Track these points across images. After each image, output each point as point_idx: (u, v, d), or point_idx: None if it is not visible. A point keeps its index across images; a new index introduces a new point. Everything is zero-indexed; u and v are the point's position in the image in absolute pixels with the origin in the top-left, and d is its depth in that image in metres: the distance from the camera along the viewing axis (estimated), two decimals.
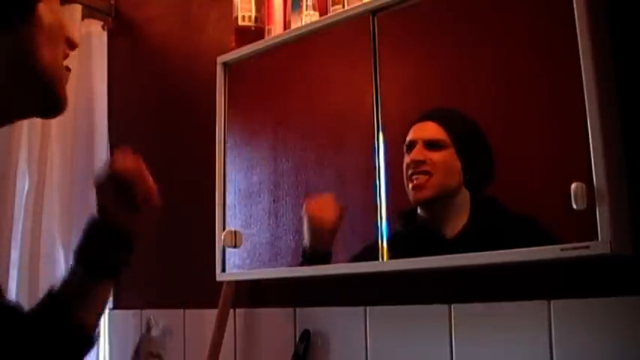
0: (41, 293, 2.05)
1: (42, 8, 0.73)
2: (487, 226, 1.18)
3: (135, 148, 2.19)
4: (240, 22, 1.65)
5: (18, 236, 1.90)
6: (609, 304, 1.11)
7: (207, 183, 1.67)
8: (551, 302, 1.18)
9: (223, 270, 1.60)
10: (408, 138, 1.26)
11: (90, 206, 2.16)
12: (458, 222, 1.21)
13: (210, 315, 1.67)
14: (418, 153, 1.23)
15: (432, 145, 1.22)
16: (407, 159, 1.25)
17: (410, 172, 1.24)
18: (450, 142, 1.21)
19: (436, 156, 1.22)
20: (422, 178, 1.22)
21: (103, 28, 2.20)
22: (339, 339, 1.49)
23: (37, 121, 1.97)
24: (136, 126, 2.13)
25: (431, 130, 1.24)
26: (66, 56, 0.80)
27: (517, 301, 1.22)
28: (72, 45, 0.81)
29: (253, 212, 1.57)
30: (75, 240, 2.02)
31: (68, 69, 0.82)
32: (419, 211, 1.27)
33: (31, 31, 0.73)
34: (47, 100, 0.78)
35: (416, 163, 1.23)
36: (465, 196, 1.21)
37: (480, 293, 1.28)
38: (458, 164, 1.21)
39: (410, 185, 1.25)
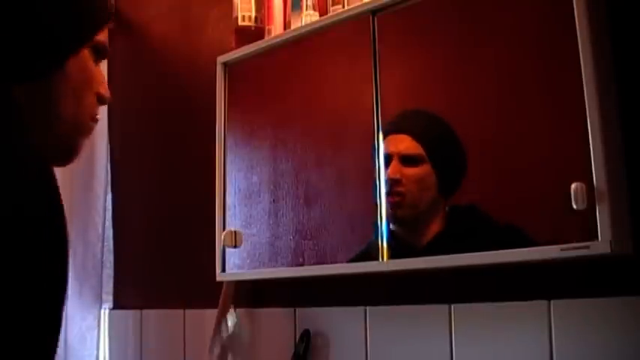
0: None
1: (72, 64, 0.74)
2: (461, 231, 1.19)
3: (135, 148, 2.20)
4: (240, 22, 1.65)
5: None
6: (609, 304, 1.11)
7: (207, 183, 1.68)
8: (551, 302, 1.18)
9: (223, 270, 1.60)
10: (384, 151, 1.26)
11: (90, 206, 2.17)
12: (430, 230, 1.22)
13: (211, 315, 1.67)
14: (394, 170, 1.23)
15: (407, 160, 1.22)
16: (385, 174, 1.26)
17: (387, 188, 1.24)
18: (425, 157, 1.21)
19: (412, 172, 1.22)
20: (397, 198, 1.23)
21: None
22: (339, 339, 1.50)
23: None
24: (135, 126, 2.14)
25: (406, 144, 1.23)
26: (95, 111, 0.81)
27: (517, 301, 1.22)
28: (102, 100, 0.81)
29: (253, 212, 1.57)
30: (75, 240, 2.04)
31: (96, 120, 0.82)
32: (392, 225, 1.27)
33: (57, 83, 0.73)
34: (61, 151, 0.79)
35: (392, 181, 1.23)
36: (438, 204, 1.21)
37: (480, 293, 1.28)
38: (433, 177, 1.21)
39: (387, 200, 1.25)
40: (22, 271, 0.58)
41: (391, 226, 1.26)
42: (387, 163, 1.25)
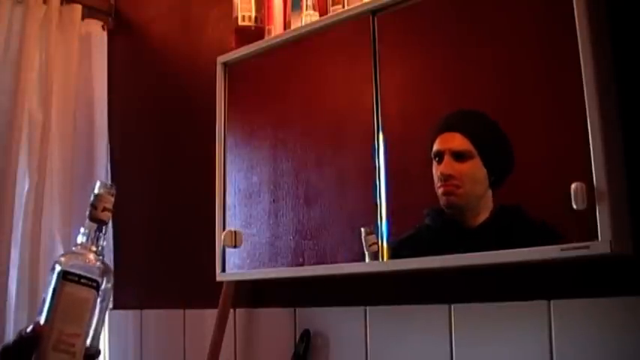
0: (41, 293, 2.05)
1: None
2: (506, 222, 1.20)
3: (135, 148, 2.21)
4: (240, 22, 1.65)
5: (18, 236, 1.90)
6: (609, 304, 1.11)
7: (207, 183, 1.68)
8: (551, 302, 1.18)
9: (223, 270, 1.60)
10: (436, 148, 1.27)
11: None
12: (481, 217, 1.24)
13: (211, 315, 1.67)
14: (447, 166, 1.25)
15: (459, 156, 1.25)
16: (436, 169, 1.27)
17: (439, 183, 1.27)
18: (475, 153, 1.23)
19: (464, 167, 1.24)
20: (450, 187, 1.26)
21: (103, 28, 2.20)
22: (339, 339, 1.49)
23: (37, 121, 1.97)
24: (135, 126, 2.14)
25: (457, 141, 1.26)
26: None
27: (517, 301, 1.22)
28: None
29: (253, 212, 1.57)
30: (75, 240, 2.04)
31: None
32: (446, 210, 1.28)
33: None
34: None
35: (446, 177, 1.26)
36: (488, 195, 1.23)
37: (480, 293, 1.28)
38: (484, 172, 1.23)
39: (440, 190, 1.26)
40: None
41: (445, 210, 1.27)
42: (438, 160, 1.26)
